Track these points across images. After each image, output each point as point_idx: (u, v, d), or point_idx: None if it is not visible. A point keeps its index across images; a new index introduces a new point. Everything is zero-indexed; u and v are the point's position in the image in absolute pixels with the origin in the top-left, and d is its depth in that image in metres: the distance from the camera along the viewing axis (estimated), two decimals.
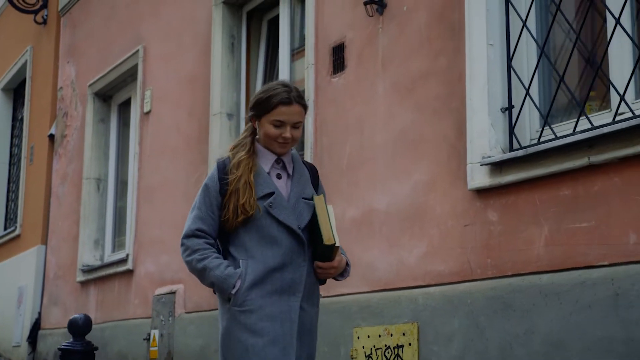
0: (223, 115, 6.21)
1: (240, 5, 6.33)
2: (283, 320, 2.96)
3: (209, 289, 6.16)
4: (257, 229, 2.99)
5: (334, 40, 5.07)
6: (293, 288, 2.99)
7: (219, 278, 2.96)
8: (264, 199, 2.99)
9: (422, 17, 4.43)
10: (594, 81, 3.71)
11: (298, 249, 3.01)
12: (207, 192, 3.05)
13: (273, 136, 3.01)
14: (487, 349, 3.80)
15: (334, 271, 3.07)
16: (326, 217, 2.99)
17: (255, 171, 3.02)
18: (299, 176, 3.11)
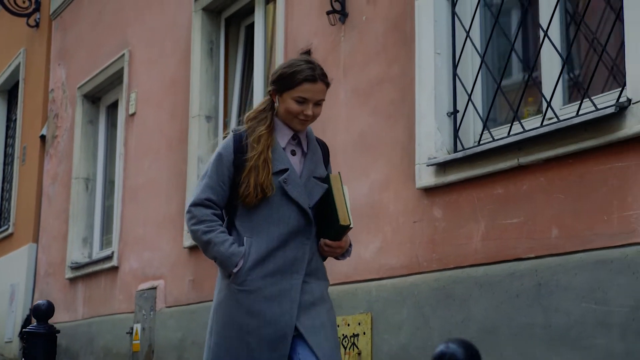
0: (202, 118, 6.59)
1: (218, 11, 6.71)
2: (282, 299, 2.98)
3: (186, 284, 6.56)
4: (267, 206, 3.01)
5: (302, 46, 5.44)
6: (295, 266, 3.02)
7: (223, 255, 2.99)
8: (277, 175, 3.02)
9: (379, 27, 4.80)
10: (525, 89, 4.08)
11: (304, 228, 3.03)
12: (220, 162, 3.06)
13: (295, 112, 3.03)
14: (430, 337, 4.16)
15: (340, 250, 3.11)
16: (342, 198, 3.02)
17: (272, 146, 3.04)
18: (312, 154, 3.13)
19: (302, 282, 3.01)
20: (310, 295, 3.03)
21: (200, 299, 6.26)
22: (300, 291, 3.00)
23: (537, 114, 4.07)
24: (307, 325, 2.98)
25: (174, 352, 6.46)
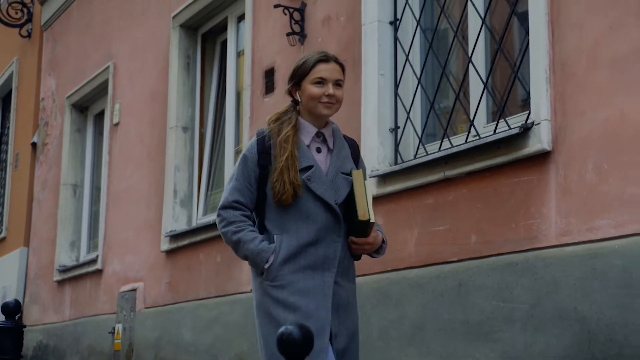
0: (179, 129, 7.12)
1: (195, 28, 7.24)
2: (315, 294, 3.04)
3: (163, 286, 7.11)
4: (293, 203, 3.07)
5: (266, 64, 5.98)
6: (327, 264, 3.08)
7: (253, 252, 3.06)
8: (302, 172, 3.08)
9: (332, 49, 5.30)
10: (454, 108, 4.60)
11: (333, 225, 3.09)
12: (245, 164, 3.14)
13: (317, 95, 3.11)
14: (371, 333, 4.68)
15: (369, 247, 3.17)
16: (363, 193, 3.07)
17: (298, 145, 3.11)
18: (339, 151, 3.18)
19: (335, 283, 3.08)
20: (338, 298, 3.09)
21: (175, 300, 6.79)
22: (332, 288, 3.06)
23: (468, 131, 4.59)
24: (335, 330, 3.06)
25: (151, 351, 6.99)
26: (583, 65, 3.73)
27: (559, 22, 3.85)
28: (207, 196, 7.00)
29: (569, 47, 3.80)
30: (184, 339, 6.54)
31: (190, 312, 6.53)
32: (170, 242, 6.91)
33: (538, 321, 3.75)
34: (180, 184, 7.05)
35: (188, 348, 6.47)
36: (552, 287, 3.70)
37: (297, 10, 5.61)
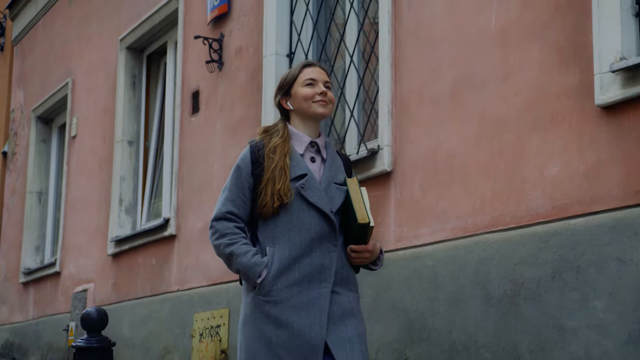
0: (125, 142, 8.11)
1: (141, 50, 8.23)
2: (310, 309, 3.03)
3: (109, 286, 8.13)
4: (287, 213, 3.08)
5: (192, 87, 6.96)
6: (323, 274, 3.07)
7: (246, 266, 3.05)
8: (295, 181, 3.10)
9: (243, 76, 6.29)
10: (330, 128, 5.56)
11: (328, 234, 3.10)
12: (238, 174, 3.16)
13: (310, 96, 3.17)
14: None
15: (369, 255, 3.16)
16: (360, 198, 3.12)
17: (290, 154, 3.14)
18: (332, 161, 3.23)
19: (333, 292, 3.08)
20: (339, 306, 3.08)
21: (118, 299, 7.78)
22: (329, 300, 3.06)
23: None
24: (334, 340, 3.04)
25: None
26: (414, 102, 4.70)
27: (399, 66, 4.82)
28: (150, 204, 7.98)
29: (405, 87, 4.77)
30: (124, 334, 7.53)
31: (130, 310, 7.52)
32: (115, 247, 7.90)
33: (378, 312, 4.71)
34: (126, 193, 8.04)
35: (127, 342, 7.46)
36: (388, 284, 4.66)
37: (216, 41, 6.59)
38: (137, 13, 7.96)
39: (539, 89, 3.96)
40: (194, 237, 6.66)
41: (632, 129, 3.51)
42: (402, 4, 4.84)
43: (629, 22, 3.60)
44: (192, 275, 6.64)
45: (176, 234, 6.93)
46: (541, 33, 3.97)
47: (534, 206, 3.91)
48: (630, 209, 3.46)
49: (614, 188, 3.55)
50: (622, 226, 3.48)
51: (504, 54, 4.17)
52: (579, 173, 3.72)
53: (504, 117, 4.14)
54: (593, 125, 3.66)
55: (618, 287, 3.46)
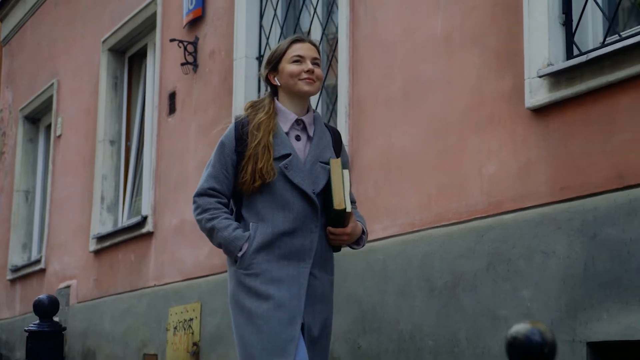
0: (106, 142, 8.42)
1: (123, 51, 8.53)
2: (290, 283, 3.11)
3: (91, 283, 8.45)
4: (270, 192, 3.14)
5: (169, 88, 7.26)
6: (303, 254, 3.15)
7: (227, 239, 3.14)
8: (279, 160, 3.14)
9: (216, 78, 6.59)
10: None
11: (311, 215, 3.16)
12: (222, 150, 3.22)
13: (296, 72, 3.19)
14: None
15: (347, 238, 3.25)
16: (340, 182, 3.14)
17: (274, 131, 3.16)
18: (319, 139, 3.25)
19: (310, 274, 3.16)
20: (315, 289, 3.19)
21: (100, 294, 8.09)
22: (307, 278, 3.15)
23: None
24: (308, 320, 3.16)
25: (80, 340, 8.29)
26: (369, 103, 4.99)
27: (357, 69, 5.12)
28: (132, 202, 8.28)
29: (361, 89, 5.07)
30: (105, 329, 7.83)
31: (110, 305, 7.82)
32: (97, 244, 8.20)
33: (336, 304, 5.00)
34: (107, 192, 8.34)
35: (107, 337, 7.77)
36: (344, 277, 4.96)
37: (191, 44, 6.89)
38: (119, 15, 8.27)
39: (478, 92, 4.26)
40: (170, 234, 6.97)
41: (557, 130, 3.80)
42: (359, 9, 5.14)
43: (556, 30, 3.89)
44: (168, 270, 6.94)
45: (153, 231, 7.23)
46: (481, 39, 4.26)
47: (473, 203, 4.21)
48: (554, 204, 3.75)
49: (541, 185, 3.84)
50: (547, 221, 3.77)
51: (448, 58, 4.46)
52: (512, 171, 4.02)
53: (448, 119, 4.43)
54: (524, 127, 3.95)
55: (543, 278, 3.76)
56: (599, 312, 3.49)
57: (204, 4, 6.80)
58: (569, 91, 3.72)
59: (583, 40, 3.90)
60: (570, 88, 3.72)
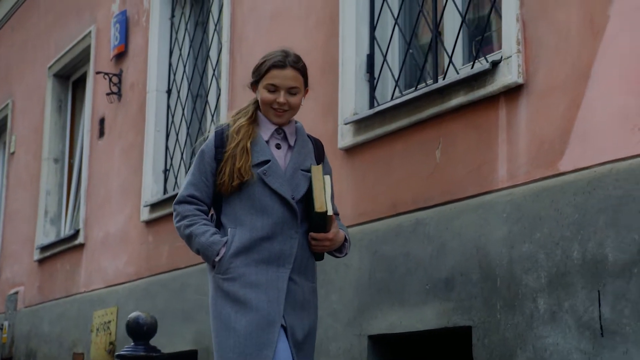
0: (51, 160, 9.62)
1: (67, 77, 9.74)
2: (268, 287, 3.21)
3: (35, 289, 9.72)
4: (249, 197, 3.26)
5: (100, 115, 8.45)
6: (282, 259, 3.25)
7: (204, 245, 3.24)
8: (258, 167, 3.27)
9: (135, 108, 7.77)
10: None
11: (290, 220, 3.27)
12: (202, 158, 3.34)
13: (268, 101, 3.32)
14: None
15: (329, 244, 3.36)
16: (321, 186, 3.28)
17: (253, 138, 3.30)
18: (300, 148, 3.39)
19: (290, 280, 3.27)
20: (295, 295, 3.29)
21: (42, 300, 9.29)
22: (287, 283, 3.25)
23: None
24: (291, 323, 3.27)
25: (24, 342, 9.51)
26: None
27: (234, 98, 6.29)
28: (73, 216, 9.47)
29: None
30: (44, 331, 9.03)
31: (49, 309, 9.02)
32: (40, 253, 9.40)
33: None
34: (51, 206, 9.54)
35: (45, 338, 8.97)
36: None
37: (116, 75, 8.08)
38: (62, 44, 9.47)
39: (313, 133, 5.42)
40: (97, 246, 8.16)
41: (359, 167, 4.97)
42: (235, 57, 6.31)
43: (362, 86, 5.05)
44: (94, 278, 8.13)
45: (84, 242, 8.42)
46: (314, 89, 5.40)
47: None
48: (355, 226, 4.91)
49: (348, 210, 5.00)
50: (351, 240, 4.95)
51: None
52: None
53: None
54: (338, 163, 5.10)
55: (344, 285, 4.92)
56: (375, 311, 4.66)
57: (126, 40, 7.99)
58: (365, 136, 4.90)
59: (388, 94, 5.05)
60: (366, 134, 4.89)
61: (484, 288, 4.03)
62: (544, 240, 3.75)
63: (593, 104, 3.65)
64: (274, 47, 5.82)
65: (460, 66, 4.59)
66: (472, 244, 4.13)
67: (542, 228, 3.77)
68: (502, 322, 3.92)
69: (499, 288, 3.95)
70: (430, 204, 4.44)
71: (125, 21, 7.99)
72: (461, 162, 4.28)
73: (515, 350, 3.83)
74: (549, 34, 3.89)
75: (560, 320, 3.64)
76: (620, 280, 3.41)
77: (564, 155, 3.74)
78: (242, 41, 6.28)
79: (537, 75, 3.92)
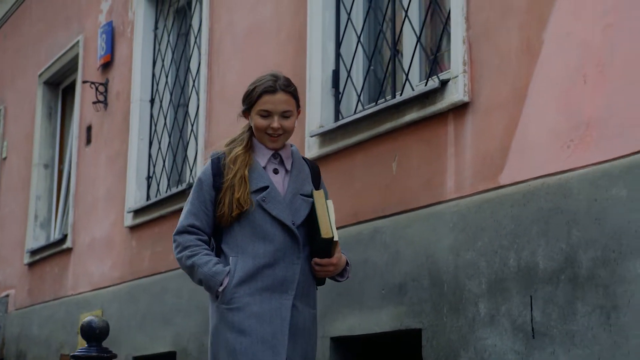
0: (41, 166, 9.96)
1: (57, 84, 10.07)
2: (272, 317, 3.23)
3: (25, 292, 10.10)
4: (249, 224, 3.29)
5: (87, 122, 8.78)
6: (285, 286, 3.29)
7: (207, 275, 3.26)
8: (257, 193, 3.30)
9: (120, 116, 8.10)
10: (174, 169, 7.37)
11: (292, 246, 3.31)
12: (200, 187, 3.37)
13: (261, 128, 3.35)
14: (134, 318, 7.45)
15: (333, 269, 3.39)
16: (325, 212, 3.31)
17: (250, 165, 3.32)
18: (298, 172, 3.43)
19: (292, 307, 3.30)
20: (296, 322, 3.32)
21: (31, 303, 9.63)
22: (290, 311, 3.28)
23: None
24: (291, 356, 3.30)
25: (14, 344, 9.85)
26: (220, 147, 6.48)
27: (211, 117, 6.62)
28: (62, 220, 9.80)
29: (213, 134, 6.56)
30: (34, 333, 9.37)
31: (38, 312, 9.35)
32: (30, 257, 9.74)
33: (189, 309, 6.50)
34: (41, 210, 9.88)
35: (35, 340, 9.31)
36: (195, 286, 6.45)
37: (102, 85, 8.40)
38: (52, 52, 9.81)
39: None
40: (84, 250, 8.48)
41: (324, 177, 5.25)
42: (213, 69, 6.64)
43: (328, 100, 5.37)
44: (81, 282, 8.46)
45: (72, 247, 8.75)
46: None
47: None
48: None
49: None
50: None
51: None
52: None
53: None
54: None
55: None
56: (336, 315, 4.98)
57: (112, 50, 8.32)
58: (330, 148, 5.22)
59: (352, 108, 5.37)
60: (331, 146, 5.21)
61: (433, 293, 4.35)
62: (485, 249, 4.08)
63: (529, 121, 3.97)
64: (249, 60, 6.36)
65: (417, 83, 4.91)
66: (423, 252, 4.46)
67: (484, 237, 4.09)
68: (448, 325, 4.24)
69: (446, 293, 4.27)
70: (387, 214, 4.76)
71: (111, 32, 8.32)
72: (415, 174, 4.60)
73: (459, 352, 4.15)
74: (492, 55, 4.21)
75: (498, 324, 3.96)
76: (550, 286, 3.73)
77: (504, 170, 4.06)
78: (220, 55, 6.60)
79: (481, 94, 4.24)
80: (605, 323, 3.47)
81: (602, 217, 3.54)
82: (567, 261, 3.66)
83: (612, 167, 3.53)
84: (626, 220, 3.43)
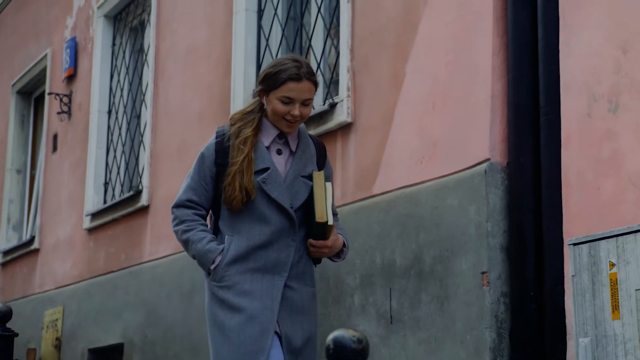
0: (13, 171, 10.86)
1: (29, 93, 10.97)
2: (263, 296, 3.31)
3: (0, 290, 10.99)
4: (249, 205, 3.33)
5: (54, 130, 9.67)
6: (278, 267, 3.35)
7: (200, 252, 3.33)
8: (258, 174, 3.33)
9: (81, 127, 8.98)
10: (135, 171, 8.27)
11: (288, 229, 3.36)
12: (202, 162, 3.41)
13: (281, 113, 3.34)
14: (91, 313, 8.33)
15: (328, 251, 3.44)
16: (322, 194, 3.35)
17: (255, 146, 3.36)
18: (302, 153, 3.45)
19: (287, 287, 3.37)
20: (293, 301, 3.38)
21: (4, 300, 10.49)
22: (281, 291, 3.35)
23: None
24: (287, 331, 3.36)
25: None
26: (165, 155, 7.37)
27: (157, 130, 7.50)
28: (34, 223, 10.70)
29: (159, 144, 7.45)
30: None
31: None
32: (3, 257, 10.65)
33: (134, 305, 7.38)
34: (13, 213, 10.77)
35: None
36: (140, 285, 7.32)
37: (66, 96, 9.29)
38: (24, 63, 10.71)
39: None
40: (50, 250, 9.38)
41: None
42: (159, 85, 7.51)
43: None
44: (47, 280, 9.35)
45: (39, 248, 9.64)
46: (216, 118, 6.63)
47: None
48: None
49: None
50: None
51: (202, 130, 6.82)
52: None
53: None
54: None
55: None
56: None
57: (75, 64, 9.21)
58: None
59: None
60: None
61: (322, 287, 5.21)
62: (359, 248, 4.94)
63: (395, 141, 4.84)
64: (188, 78, 7.34)
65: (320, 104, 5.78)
66: None
67: (359, 239, 4.96)
68: (332, 314, 5.11)
69: (331, 287, 5.14)
70: None
71: (74, 46, 9.21)
72: None
73: None
74: (369, 83, 5.09)
75: (367, 312, 4.83)
76: (403, 280, 4.60)
77: (376, 181, 4.93)
78: (164, 72, 7.48)
79: (361, 116, 5.12)
80: (440, 310, 4.35)
81: (440, 222, 4.42)
82: (416, 259, 4.54)
83: (449, 180, 4.41)
84: (456, 225, 4.31)
